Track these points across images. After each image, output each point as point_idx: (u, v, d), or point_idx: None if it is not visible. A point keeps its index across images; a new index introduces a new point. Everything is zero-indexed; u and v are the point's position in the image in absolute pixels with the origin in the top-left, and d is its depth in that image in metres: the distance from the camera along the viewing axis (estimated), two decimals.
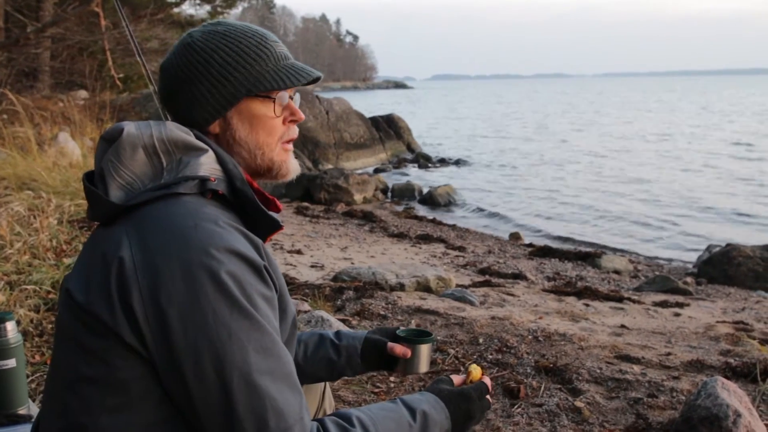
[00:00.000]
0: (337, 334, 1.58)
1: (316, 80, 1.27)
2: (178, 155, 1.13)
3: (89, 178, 1.16)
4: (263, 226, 1.17)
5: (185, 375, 1.00)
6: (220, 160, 1.16)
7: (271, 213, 1.18)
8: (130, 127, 1.13)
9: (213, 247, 1.02)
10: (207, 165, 1.13)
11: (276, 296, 1.10)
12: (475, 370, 1.42)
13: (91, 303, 1.03)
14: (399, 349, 1.49)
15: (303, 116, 1.29)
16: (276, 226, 1.18)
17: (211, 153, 1.15)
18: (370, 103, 52.08)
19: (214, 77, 1.19)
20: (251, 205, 1.15)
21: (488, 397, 1.39)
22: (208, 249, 1.01)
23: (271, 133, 1.24)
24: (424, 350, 1.49)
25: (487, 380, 1.41)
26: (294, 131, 1.28)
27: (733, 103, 57.49)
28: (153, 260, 1.01)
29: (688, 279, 7.66)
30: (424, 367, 1.50)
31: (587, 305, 5.14)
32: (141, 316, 1.00)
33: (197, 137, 1.17)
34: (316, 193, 12.30)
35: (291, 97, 1.27)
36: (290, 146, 1.28)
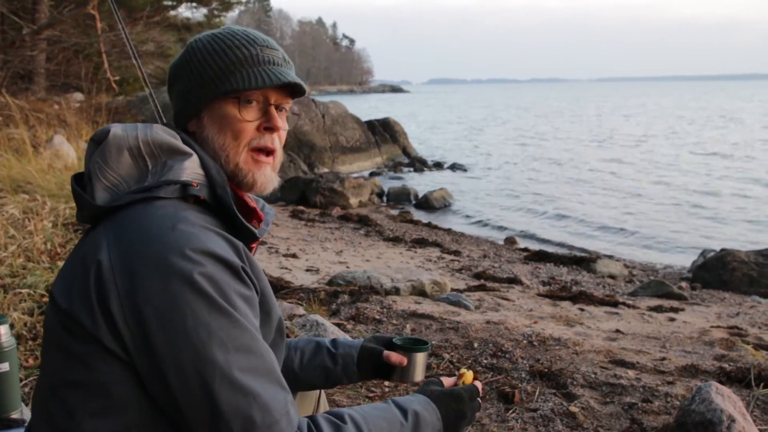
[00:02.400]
0: (334, 342, 1.57)
1: (299, 89, 1.23)
2: (163, 158, 1.13)
3: (78, 180, 1.16)
4: (243, 235, 1.16)
5: (167, 377, 1.00)
6: (204, 166, 1.15)
7: (249, 225, 1.16)
8: (116, 129, 1.14)
9: (189, 248, 1.01)
10: (190, 170, 1.12)
11: (256, 296, 1.10)
12: (467, 374, 1.42)
13: (73, 308, 1.03)
14: (395, 357, 1.49)
15: (280, 125, 1.22)
16: (252, 238, 1.17)
17: (195, 158, 1.15)
18: (367, 106, 52.12)
19: (192, 75, 1.21)
20: (228, 213, 1.14)
21: (479, 399, 1.39)
22: (184, 250, 1.01)
23: (238, 136, 1.20)
24: (420, 358, 1.49)
25: (478, 384, 1.41)
26: (267, 139, 1.21)
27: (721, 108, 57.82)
28: (130, 262, 1.01)
29: (683, 284, 7.69)
30: (420, 375, 1.50)
31: (582, 310, 5.15)
32: (120, 319, 1.00)
33: (184, 141, 1.17)
34: (311, 196, 12.28)
35: (273, 104, 1.22)
36: (263, 158, 1.22)
